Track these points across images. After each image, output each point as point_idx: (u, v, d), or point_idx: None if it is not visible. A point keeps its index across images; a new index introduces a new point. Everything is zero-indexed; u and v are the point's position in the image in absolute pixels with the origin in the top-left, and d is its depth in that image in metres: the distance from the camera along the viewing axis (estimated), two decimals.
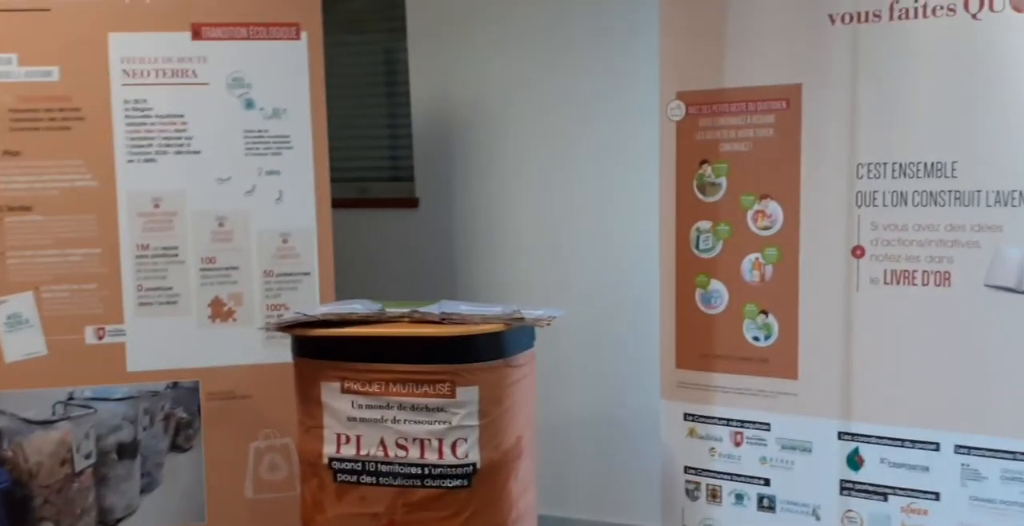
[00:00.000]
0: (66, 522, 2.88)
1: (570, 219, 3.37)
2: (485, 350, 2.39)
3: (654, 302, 2.72)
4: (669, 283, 2.64)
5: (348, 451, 2.42)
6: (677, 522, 2.65)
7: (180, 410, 2.94)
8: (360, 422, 2.41)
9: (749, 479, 2.56)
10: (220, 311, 2.94)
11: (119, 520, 2.91)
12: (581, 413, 3.35)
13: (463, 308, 2.55)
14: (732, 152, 2.54)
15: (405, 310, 2.53)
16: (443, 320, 2.42)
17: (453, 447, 2.37)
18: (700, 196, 2.60)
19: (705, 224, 2.60)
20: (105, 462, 2.90)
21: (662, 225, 2.64)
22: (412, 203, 3.71)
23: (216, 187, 2.92)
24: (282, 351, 2.77)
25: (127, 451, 2.91)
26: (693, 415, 2.62)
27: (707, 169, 2.57)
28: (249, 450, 2.96)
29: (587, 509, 3.33)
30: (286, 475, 2.97)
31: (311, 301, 2.98)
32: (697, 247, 2.60)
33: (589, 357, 3.33)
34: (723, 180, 2.57)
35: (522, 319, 2.44)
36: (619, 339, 3.30)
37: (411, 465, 2.39)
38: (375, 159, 3.99)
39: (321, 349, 2.43)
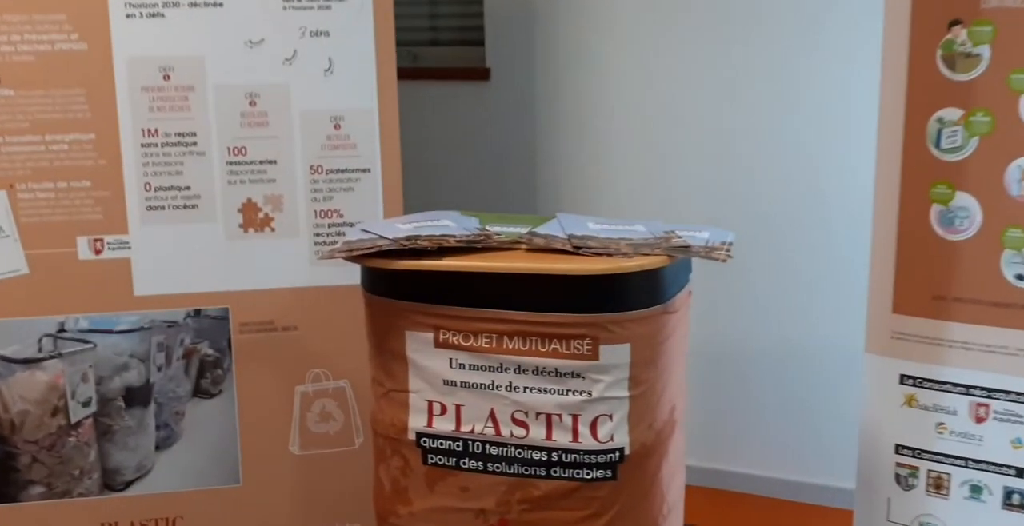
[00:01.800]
0: (61, 486, 2.25)
1: (714, 100, 2.62)
2: (640, 293, 1.71)
3: (862, 219, 2.01)
4: (889, 194, 1.91)
5: (444, 425, 1.77)
6: (880, 514, 2.01)
7: (204, 345, 2.28)
8: (462, 387, 1.75)
9: (993, 467, 1.90)
10: (253, 218, 2.25)
11: (129, 483, 2.29)
12: (751, 347, 2.70)
13: (591, 226, 1.86)
14: (1001, 8, 1.79)
15: (515, 229, 1.84)
16: (576, 249, 1.72)
17: (593, 426, 1.71)
18: (946, 72, 1.85)
19: (951, 113, 1.86)
20: (109, 411, 2.25)
21: (882, 111, 1.89)
22: (482, 73, 2.95)
23: (245, 53, 2.19)
24: (338, 271, 2.12)
25: (137, 397, 2.26)
26: (913, 377, 1.94)
27: (960, 33, 1.82)
28: (294, 395, 2.31)
29: (763, 464, 2.71)
30: (341, 427, 2.33)
31: (372, 206, 2.28)
32: (937, 145, 1.87)
33: (760, 285, 2.64)
34: (984, 49, 1.82)
35: (688, 248, 1.74)
36: (801, 266, 2.60)
37: (533, 448, 1.73)
38: (431, 17, 3.22)
39: (408, 286, 1.75)
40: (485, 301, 1.71)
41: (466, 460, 1.77)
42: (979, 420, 1.89)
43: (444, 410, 1.77)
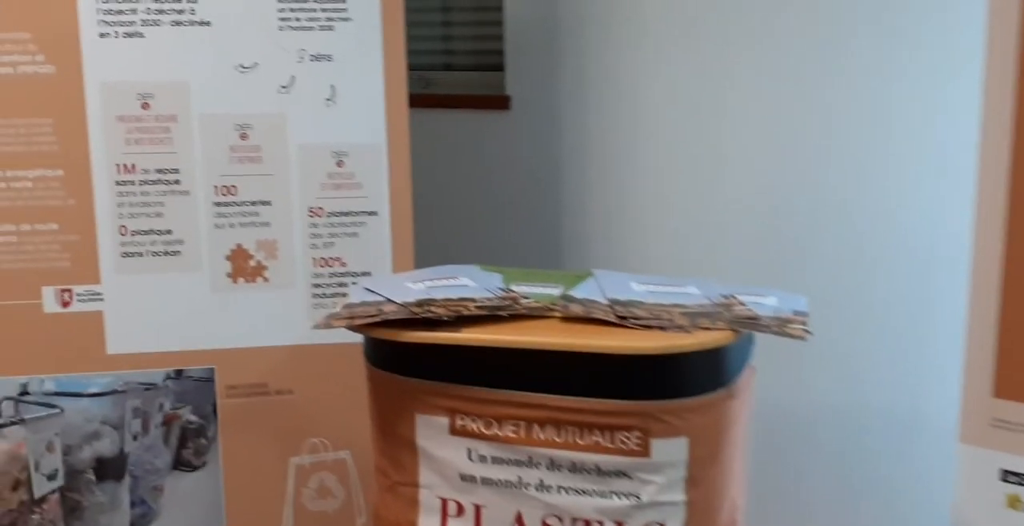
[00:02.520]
0: None
1: (768, 134, 2.31)
2: (700, 375, 1.42)
3: (953, 280, 1.72)
4: (990, 250, 1.61)
5: None
6: None
7: (187, 411, 1.99)
8: (482, 484, 1.46)
9: None
10: (244, 266, 1.97)
11: None
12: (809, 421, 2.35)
13: (635, 288, 1.57)
14: None
15: (546, 291, 1.55)
16: (622, 319, 1.44)
17: None
18: None
19: None
20: (78, 485, 1.97)
21: (984, 143, 1.59)
22: (501, 102, 2.68)
23: (236, 79, 1.91)
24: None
25: (110, 469, 1.98)
26: (1019, 474, 1.65)
27: None
28: (288, 468, 2.02)
29: None
30: (341, 504, 2.05)
31: (379, 253, 2.00)
32: None
33: (830, 348, 2.26)
34: None
35: (756, 320, 1.45)
36: (884, 325, 2.25)
37: None
38: (446, 39, 2.95)
39: (420, 362, 1.46)
40: (512, 381, 1.43)
41: None
42: None
43: (461, 511, 1.48)
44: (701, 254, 2.38)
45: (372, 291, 1.56)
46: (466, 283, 1.59)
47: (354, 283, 1.98)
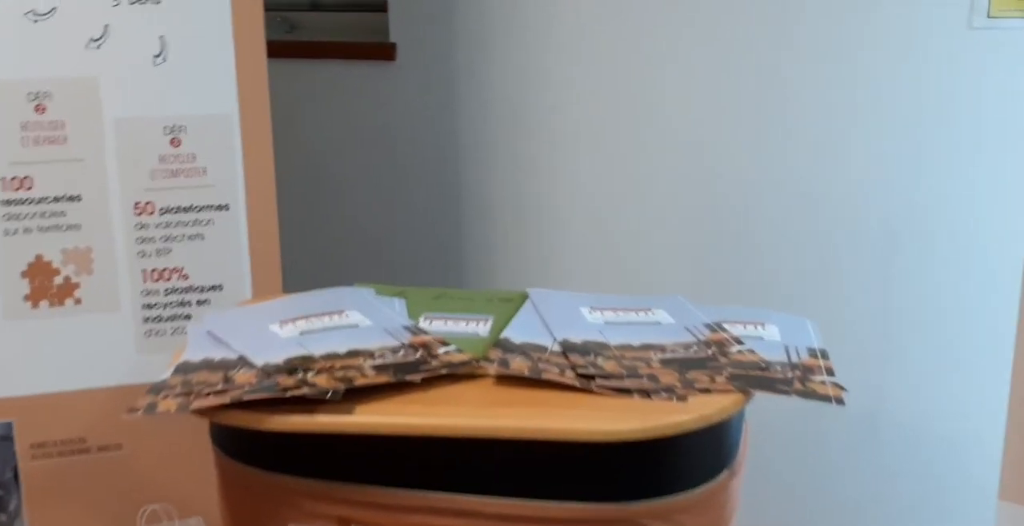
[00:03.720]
0: None
1: (732, 97, 1.85)
2: (698, 460, 0.99)
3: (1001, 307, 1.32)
4: None
5: None
6: None
7: None
8: None
9: None
10: (47, 285, 1.46)
11: None
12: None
13: (589, 319, 1.14)
14: None
15: (471, 330, 1.11)
16: (585, 379, 0.99)
17: None
18: None
19: None
20: None
21: None
22: (385, 52, 2.18)
23: (26, 30, 1.40)
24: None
25: None
26: None
27: None
28: None
29: None
30: None
31: (232, 261, 1.52)
32: None
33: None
34: None
35: (767, 372, 1.02)
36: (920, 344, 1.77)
37: None
38: None
39: (294, 452, 0.99)
40: (429, 478, 0.97)
41: None
42: None
43: None
44: (630, 231, 1.94)
45: (218, 339, 1.09)
46: (357, 321, 1.13)
47: (201, 302, 1.50)
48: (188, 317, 1.50)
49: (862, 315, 1.76)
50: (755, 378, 1.01)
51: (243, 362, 1.02)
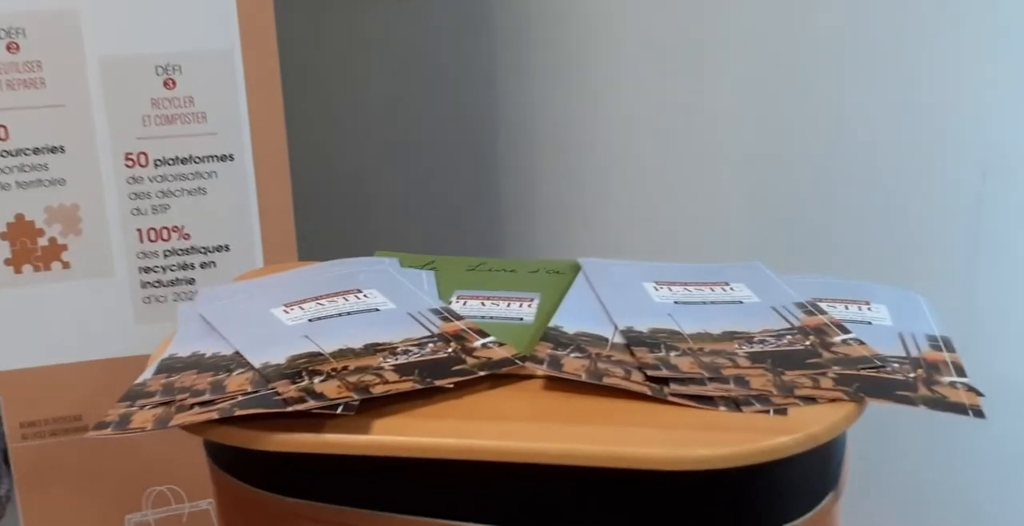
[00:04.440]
0: None
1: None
2: (801, 487, 0.80)
3: None
4: None
5: None
6: None
7: None
8: None
9: None
10: (30, 248, 1.29)
11: None
12: None
13: (657, 299, 0.95)
14: None
15: (513, 316, 0.92)
16: (657, 384, 0.81)
17: None
18: None
19: None
20: None
21: None
22: None
23: None
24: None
25: None
26: None
27: None
28: None
29: None
30: None
31: (240, 219, 1.33)
32: None
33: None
34: None
35: (885, 374, 0.83)
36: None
37: None
38: None
39: (298, 472, 0.82)
40: (460, 507, 0.79)
41: None
42: None
43: None
44: (684, 176, 1.73)
45: (212, 326, 0.91)
46: (376, 303, 0.94)
47: (205, 264, 1.32)
48: (192, 281, 1.33)
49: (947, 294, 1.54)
50: (870, 381, 0.82)
51: (238, 361, 0.84)
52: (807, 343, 0.88)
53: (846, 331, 0.91)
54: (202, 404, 0.79)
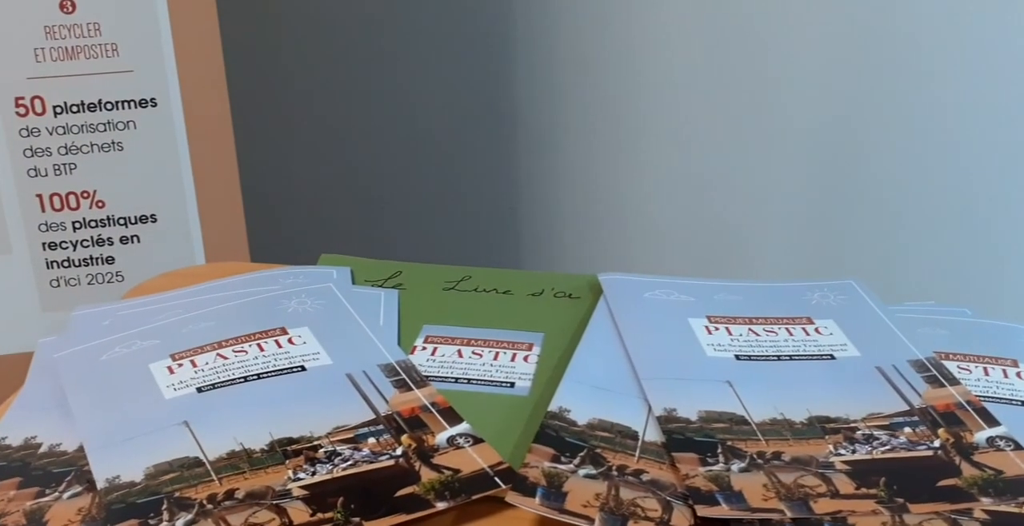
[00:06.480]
0: None
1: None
2: None
3: None
4: None
5: None
6: None
7: None
8: None
9: None
10: None
11: None
12: None
13: (707, 348, 0.65)
14: None
15: (507, 373, 0.63)
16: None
17: None
18: None
19: None
20: None
21: None
22: None
23: None
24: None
25: None
26: None
27: None
28: None
29: None
30: None
31: (168, 179, 1.03)
32: None
33: None
34: None
35: None
36: None
37: None
38: None
39: None
40: None
41: None
42: None
43: None
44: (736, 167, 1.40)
45: (64, 387, 0.62)
46: (307, 356, 0.65)
47: (126, 238, 1.04)
48: (111, 261, 1.04)
49: None
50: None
51: (78, 470, 0.56)
52: (936, 446, 0.59)
53: (992, 421, 0.61)
54: None
